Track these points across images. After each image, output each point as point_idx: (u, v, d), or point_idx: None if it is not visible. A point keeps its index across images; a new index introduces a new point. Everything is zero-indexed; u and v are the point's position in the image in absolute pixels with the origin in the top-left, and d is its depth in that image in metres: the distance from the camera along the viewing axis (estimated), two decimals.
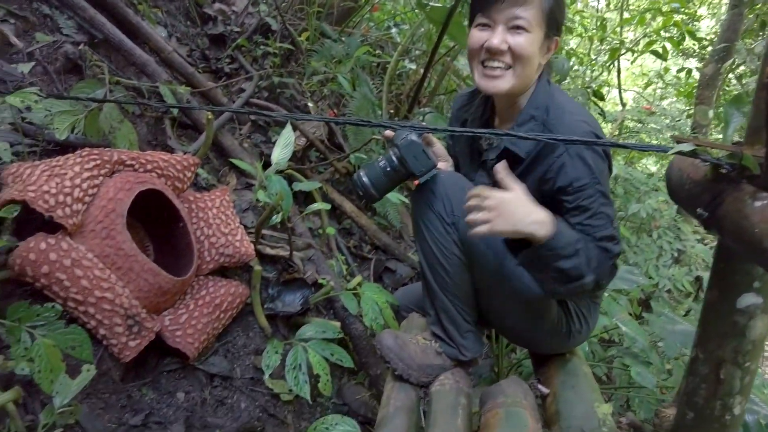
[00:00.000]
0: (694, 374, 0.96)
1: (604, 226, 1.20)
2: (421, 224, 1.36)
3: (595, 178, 1.20)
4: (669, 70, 5.77)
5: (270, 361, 1.52)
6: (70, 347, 1.16)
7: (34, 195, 1.24)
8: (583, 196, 1.20)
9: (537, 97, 1.31)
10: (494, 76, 1.27)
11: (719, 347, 0.92)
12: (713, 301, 0.93)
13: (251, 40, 2.86)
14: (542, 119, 1.28)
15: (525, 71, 1.26)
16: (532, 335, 1.38)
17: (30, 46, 1.86)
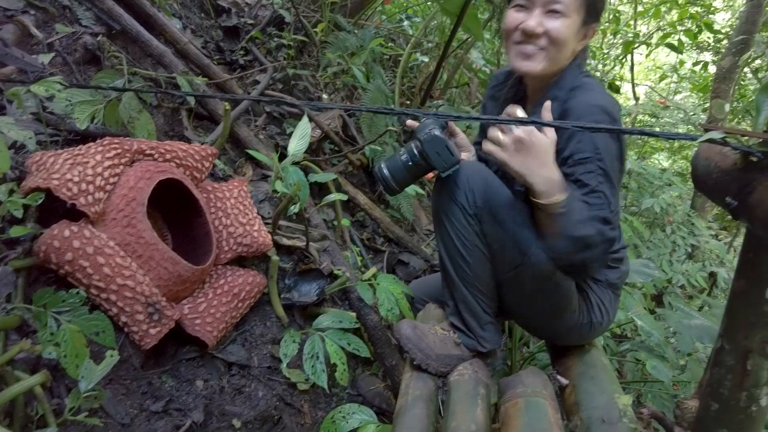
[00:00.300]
0: (720, 365, 0.96)
1: (600, 206, 1.17)
2: (443, 215, 1.35)
3: (598, 153, 1.17)
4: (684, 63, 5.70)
5: (287, 350, 1.54)
6: (93, 333, 1.17)
7: (57, 183, 1.25)
8: (582, 170, 1.18)
9: (563, 80, 1.31)
10: (528, 55, 1.27)
11: (746, 338, 0.92)
12: (741, 291, 0.92)
13: (265, 32, 2.86)
14: (563, 99, 1.27)
15: (558, 55, 1.26)
16: (554, 326, 1.37)
17: (50, 37, 1.87)
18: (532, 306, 1.36)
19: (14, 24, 1.80)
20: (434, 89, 3.86)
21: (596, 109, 1.20)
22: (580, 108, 1.21)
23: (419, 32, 3.82)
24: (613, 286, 1.39)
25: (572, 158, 1.19)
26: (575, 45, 1.29)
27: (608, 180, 1.19)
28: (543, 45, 1.24)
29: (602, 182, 1.18)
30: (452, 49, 3.80)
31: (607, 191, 1.18)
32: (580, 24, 1.26)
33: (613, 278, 1.38)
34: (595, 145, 1.18)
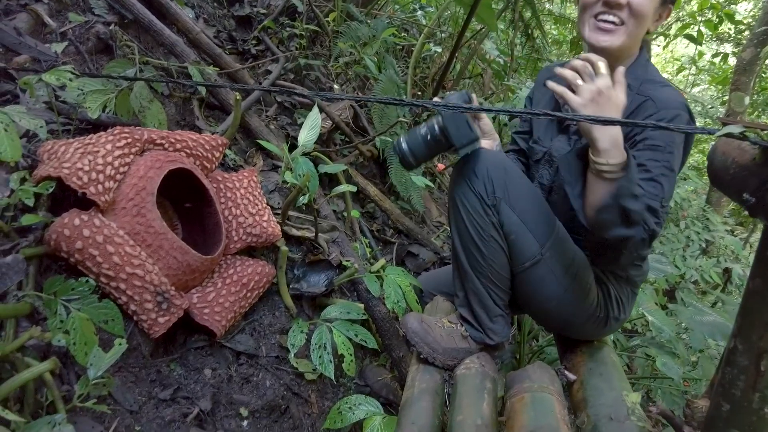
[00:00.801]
0: (732, 365, 0.93)
1: (654, 196, 1.13)
2: (459, 203, 1.32)
3: (671, 146, 1.16)
4: (703, 55, 5.58)
5: (295, 341, 1.54)
6: (102, 321, 1.18)
7: (68, 172, 1.26)
8: (650, 156, 1.16)
9: (636, 68, 1.29)
10: (607, 29, 1.24)
11: (761, 338, 0.89)
12: (757, 290, 0.90)
13: (277, 22, 2.85)
14: (637, 89, 1.26)
15: (637, 31, 1.24)
16: (570, 318, 1.35)
17: (63, 26, 1.88)
18: (551, 299, 1.33)
19: (28, 13, 1.81)
20: (447, 80, 3.82)
21: (682, 107, 1.19)
22: (667, 102, 1.19)
23: (432, 22, 3.78)
24: (632, 284, 1.37)
25: (644, 142, 1.17)
26: (650, 25, 1.26)
27: (670, 175, 1.17)
28: (624, 18, 1.22)
29: (664, 174, 1.16)
30: (465, 40, 3.76)
31: (666, 185, 1.16)
32: (660, 2, 1.23)
33: (634, 275, 1.37)
34: (672, 139, 1.16)
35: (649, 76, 1.27)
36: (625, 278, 1.35)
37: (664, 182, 1.15)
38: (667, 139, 1.16)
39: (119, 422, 1.18)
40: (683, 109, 1.19)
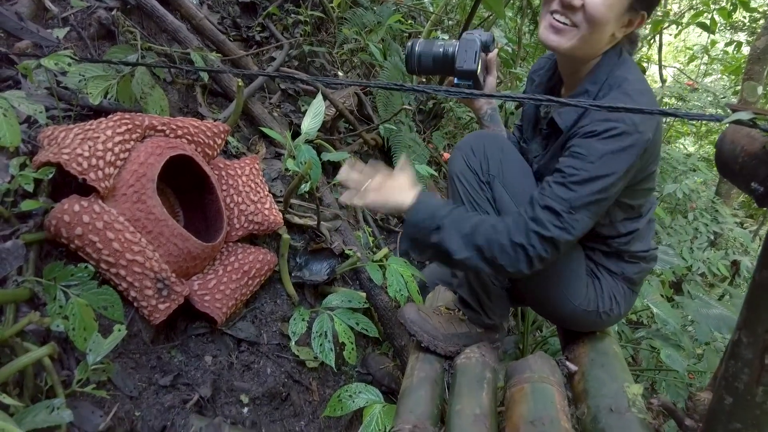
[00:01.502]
0: (736, 358, 0.92)
1: (560, 199, 1.11)
2: (456, 180, 1.34)
3: (594, 157, 1.10)
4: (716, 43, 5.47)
5: (296, 329, 1.54)
6: (102, 307, 1.18)
7: (68, 157, 1.25)
8: (569, 163, 1.13)
9: (598, 72, 1.22)
10: (558, 29, 1.17)
11: (767, 331, 0.87)
12: (763, 282, 0.88)
13: (282, 8, 2.82)
14: (595, 95, 1.20)
15: (592, 36, 1.15)
16: (561, 311, 1.34)
17: (65, 11, 1.86)
18: (538, 284, 1.32)
19: None
20: None
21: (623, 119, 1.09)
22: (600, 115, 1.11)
23: (439, 9, 3.73)
24: (629, 281, 1.35)
25: (570, 149, 1.14)
26: (615, 30, 1.17)
27: (587, 185, 1.11)
28: (577, 21, 1.15)
29: (579, 182, 1.11)
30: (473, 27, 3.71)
31: (579, 192, 1.11)
32: (626, 7, 1.14)
33: (630, 273, 1.34)
34: (599, 151, 1.10)
35: (612, 80, 1.19)
36: (620, 275, 1.33)
37: (577, 189, 1.11)
38: (594, 149, 1.10)
39: (119, 407, 1.18)
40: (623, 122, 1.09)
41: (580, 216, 1.12)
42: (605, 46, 1.21)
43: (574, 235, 1.13)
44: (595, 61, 1.23)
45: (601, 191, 1.11)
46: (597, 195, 1.11)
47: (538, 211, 1.12)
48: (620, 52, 1.24)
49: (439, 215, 1.16)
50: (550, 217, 1.11)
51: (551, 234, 1.11)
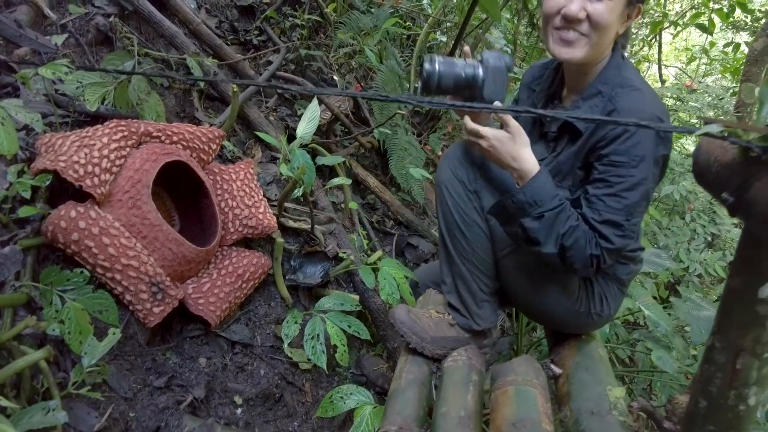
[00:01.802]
0: (710, 362, 0.94)
1: (616, 210, 1.15)
2: (443, 188, 1.37)
3: (635, 161, 1.14)
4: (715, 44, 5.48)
5: (289, 331, 1.57)
6: (97, 311, 1.22)
7: (64, 165, 1.29)
8: (613, 172, 1.16)
9: (607, 72, 1.25)
10: (569, 42, 1.20)
11: (738, 336, 0.90)
12: (735, 288, 0.90)
13: (280, 12, 2.85)
14: (609, 95, 1.22)
15: (601, 40, 1.20)
16: (551, 312, 1.37)
17: (63, 18, 1.89)
18: (529, 287, 1.35)
19: (28, 5, 1.83)
20: None
21: (648, 117, 1.15)
22: (634, 113, 1.16)
23: (437, 12, 3.75)
24: (619, 282, 1.37)
25: (608, 158, 1.17)
26: (618, 28, 1.22)
27: (637, 189, 1.16)
28: (585, 31, 1.18)
29: (629, 189, 1.15)
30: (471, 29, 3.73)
31: (632, 199, 1.16)
32: (624, 5, 1.18)
33: (621, 274, 1.37)
34: (637, 153, 1.14)
35: (621, 80, 1.23)
36: (612, 276, 1.36)
37: (628, 196, 1.15)
38: (632, 153, 1.14)
39: (114, 409, 1.22)
40: (651, 120, 1.15)
41: (636, 219, 1.18)
42: (611, 44, 1.25)
43: (633, 238, 1.20)
44: (603, 63, 1.27)
45: (649, 190, 1.18)
46: (647, 194, 1.18)
47: (599, 227, 1.16)
48: (622, 54, 1.28)
49: (546, 205, 1.16)
50: (612, 230, 1.16)
51: (617, 245, 1.16)
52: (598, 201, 1.17)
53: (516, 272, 1.35)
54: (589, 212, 1.18)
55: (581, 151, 1.23)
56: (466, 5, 3.79)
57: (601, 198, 1.16)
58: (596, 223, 1.16)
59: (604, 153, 1.17)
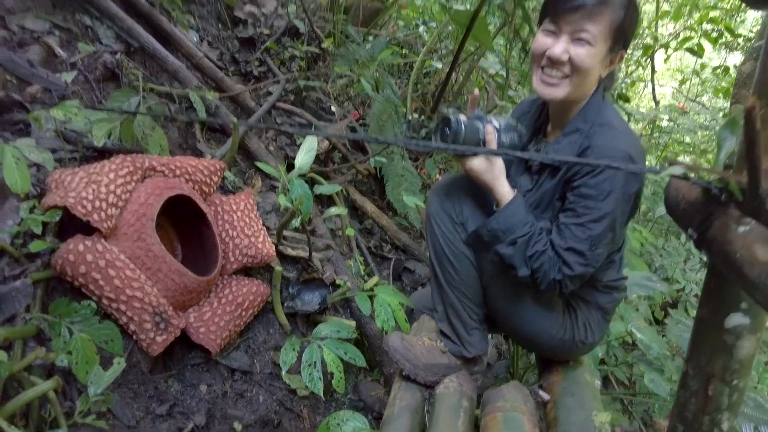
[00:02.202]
0: (685, 388, 0.99)
1: (580, 240, 1.22)
2: (432, 220, 1.43)
3: (603, 195, 1.21)
4: (706, 66, 5.59)
5: (287, 358, 1.61)
6: (103, 341, 1.27)
7: (74, 201, 1.35)
8: (582, 203, 1.23)
9: (588, 110, 1.32)
10: (551, 83, 1.29)
11: (708, 363, 0.95)
12: (703, 317, 0.96)
13: (279, 43, 2.95)
14: (587, 132, 1.30)
15: (582, 82, 1.28)
16: (535, 338, 1.42)
17: (72, 56, 1.99)
18: (514, 314, 1.41)
19: (40, 45, 1.92)
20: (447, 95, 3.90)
21: (621, 155, 1.21)
22: (605, 150, 1.22)
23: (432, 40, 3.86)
24: (602, 310, 1.43)
25: (578, 189, 1.24)
26: (601, 71, 1.30)
27: (603, 221, 1.22)
28: (567, 72, 1.26)
29: (595, 220, 1.22)
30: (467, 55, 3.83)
31: (597, 231, 1.22)
32: (606, 51, 1.26)
33: (604, 302, 1.42)
34: (607, 187, 1.21)
35: (600, 119, 1.30)
36: (595, 304, 1.41)
37: (595, 227, 1.22)
38: (600, 188, 1.21)
39: None
40: (626, 159, 1.21)
41: (600, 250, 1.25)
42: (594, 86, 1.33)
43: (596, 267, 1.27)
44: (584, 102, 1.35)
45: (616, 223, 1.24)
46: (611, 227, 1.24)
47: (563, 254, 1.24)
48: (603, 94, 1.36)
49: (517, 232, 1.25)
50: (575, 258, 1.23)
51: (577, 272, 1.24)
52: (565, 229, 1.24)
53: (501, 301, 1.41)
54: (557, 239, 1.25)
55: (559, 183, 1.30)
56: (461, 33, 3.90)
57: (568, 226, 1.24)
58: (561, 249, 1.24)
59: (576, 185, 1.24)
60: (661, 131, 4.96)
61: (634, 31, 1.31)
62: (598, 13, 1.20)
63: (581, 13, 1.21)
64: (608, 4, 1.21)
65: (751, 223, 0.79)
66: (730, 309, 0.91)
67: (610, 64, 1.31)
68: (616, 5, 1.21)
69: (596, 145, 1.24)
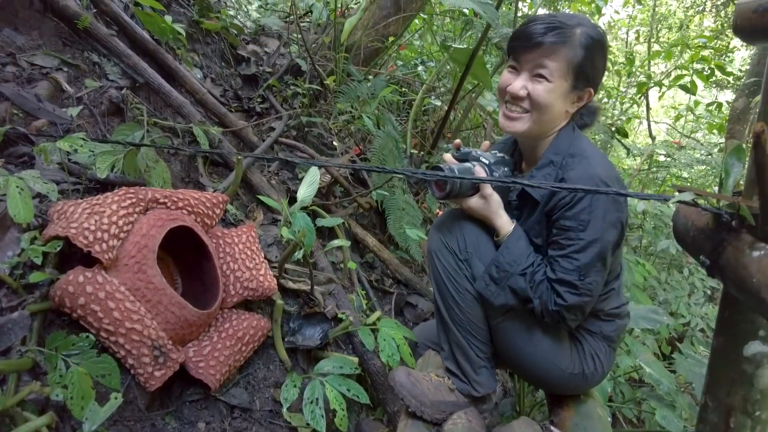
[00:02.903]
0: (704, 422, 0.96)
1: (568, 271, 1.23)
2: (435, 258, 1.41)
3: (583, 225, 1.21)
4: (699, 103, 5.72)
5: (288, 395, 1.57)
6: (100, 375, 1.23)
7: (75, 231, 1.34)
8: (564, 236, 1.24)
9: (559, 143, 1.34)
10: (512, 117, 1.33)
11: (728, 395, 0.92)
12: (720, 348, 0.93)
13: (282, 81, 3.01)
14: (560, 164, 1.31)
15: (542, 117, 1.30)
16: (545, 375, 1.38)
17: (79, 91, 2.02)
18: (523, 352, 1.37)
19: (48, 81, 1.95)
20: (446, 131, 3.95)
21: (596, 181, 1.23)
22: (580, 180, 1.24)
23: (431, 78, 3.94)
24: (608, 339, 1.40)
25: (558, 223, 1.25)
26: (566, 107, 1.32)
27: (585, 251, 1.23)
28: (526, 107, 1.30)
29: (580, 251, 1.23)
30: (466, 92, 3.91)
31: (583, 261, 1.23)
32: (569, 89, 1.29)
33: (608, 331, 1.39)
34: (583, 219, 1.22)
35: (572, 150, 1.31)
36: (599, 334, 1.38)
37: (580, 257, 1.22)
38: (579, 218, 1.22)
39: None
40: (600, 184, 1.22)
41: (591, 278, 1.24)
42: (561, 122, 1.35)
43: (593, 296, 1.26)
44: (554, 135, 1.37)
45: (601, 251, 1.23)
46: (599, 255, 1.23)
47: (555, 285, 1.25)
48: (574, 127, 1.37)
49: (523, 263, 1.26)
50: (566, 289, 1.23)
51: (570, 303, 1.23)
52: (554, 262, 1.26)
53: (509, 338, 1.38)
54: (549, 271, 1.26)
55: (540, 219, 1.31)
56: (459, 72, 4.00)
57: (555, 259, 1.25)
58: (552, 281, 1.25)
59: (555, 218, 1.26)
60: (658, 166, 5.02)
61: (600, 71, 1.34)
62: (555, 51, 1.25)
63: (538, 52, 1.26)
64: (565, 43, 1.25)
65: (765, 248, 0.78)
66: (748, 337, 0.89)
67: (578, 101, 1.34)
68: (575, 44, 1.25)
69: (570, 178, 1.25)
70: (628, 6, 8.13)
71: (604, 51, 1.31)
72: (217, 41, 3.03)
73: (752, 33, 1.07)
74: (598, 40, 1.28)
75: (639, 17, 9.01)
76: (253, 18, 3.71)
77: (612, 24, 9.01)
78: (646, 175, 5.20)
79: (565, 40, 1.24)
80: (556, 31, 1.24)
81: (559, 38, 1.24)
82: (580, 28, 1.26)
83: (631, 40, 9.18)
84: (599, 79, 1.34)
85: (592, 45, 1.26)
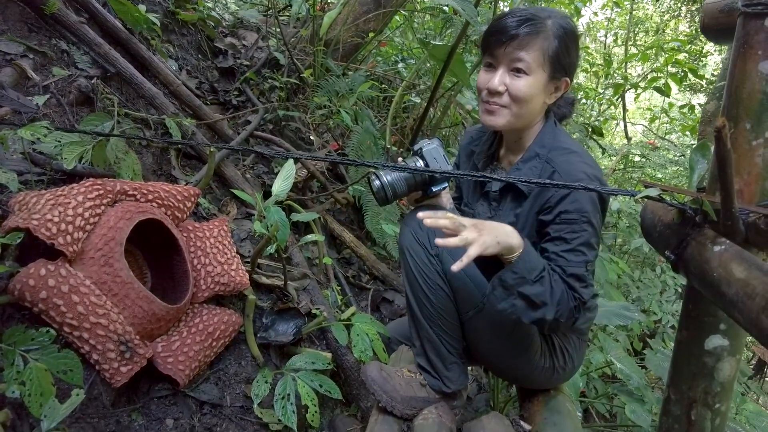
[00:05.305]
0: (667, 414, 0.97)
1: (578, 264, 1.22)
2: (406, 253, 1.40)
3: (585, 215, 1.22)
4: (674, 105, 5.84)
5: (259, 391, 1.55)
6: (62, 371, 1.19)
7: (37, 223, 1.30)
8: (568, 229, 1.23)
9: (543, 136, 1.36)
10: (492, 111, 1.33)
11: (690, 388, 0.94)
12: (683, 341, 0.95)
13: (259, 74, 2.97)
14: (546, 157, 1.32)
15: (523, 110, 1.31)
16: (516, 369, 1.39)
17: (46, 79, 1.95)
18: (493, 347, 1.38)
19: (13, 67, 1.88)
20: (425, 128, 3.95)
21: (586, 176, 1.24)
22: (573, 174, 1.25)
23: (411, 75, 3.94)
24: (578, 332, 1.41)
25: (560, 216, 1.24)
26: (545, 98, 1.33)
27: (588, 243, 1.23)
28: (506, 102, 1.30)
29: (584, 243, 1.23)
30: (445, 90, 3.92)
31: (587, 252, 1.23)
32: (547, 80, 1.30)
33: (578, 324, 1.40)
34: (585, 207, 1.23)
35: (557, 143, 1.33)
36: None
37: (585, 250, 1.22)
38: (581, 211, 1.22)
39: None
40: (593, 180, 1.24)
41: (592, 268, 1.26)
42: (540, 113, 1.36)
43: (593, 286, 1.26)
44: (538, 128, 1.38)
45: (597, 240, 1.26)
46: (597, 244, 1.26)
47: (570, 281, 1.21)
48: (555, 122, 1.39)
49: (538, 268, 1.19)
50: (578, 284, 1.21)
51: (585, 297, 1.21)
52: (559, 258, 1.23)
53: (480, 333, 1.38)
54: (560, 270, 1.23)
55: (531, 211, 1.30)
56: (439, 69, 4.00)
57: (560, 254, 1.23)
58: (566, 278, 1.22)
59: (555, 214, 1.25)
60: (633, 166, 5.10)
61: (574, 60, 1.36)
62: (530, 42, 1.25)
63: (513, 45, 1.26)
64: (539, 34, 1.26)
65: (725, 243, 0.79)
66: (710, 331, 0.91)
67: (555, 91, 1.35)
68: (549, 35, 1.26)
69: (563, 171, 1.26)
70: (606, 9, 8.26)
71: (577, 41, 1.32)
72: (193, 33, 2.98)
73: (718, 32, 1.09)
74: (570, 30, 1.29)
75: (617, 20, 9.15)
76: (231, 10, 3.65)
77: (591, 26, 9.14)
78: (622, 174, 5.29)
79: (538, 31, 1.25)
80: (529, 23, 1.24)
81: (532, 29, 1.24)
82: (552, 19, 1.27)
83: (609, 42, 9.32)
84: (574, 68, 1.35)
85: (565, 35, 1.28)
